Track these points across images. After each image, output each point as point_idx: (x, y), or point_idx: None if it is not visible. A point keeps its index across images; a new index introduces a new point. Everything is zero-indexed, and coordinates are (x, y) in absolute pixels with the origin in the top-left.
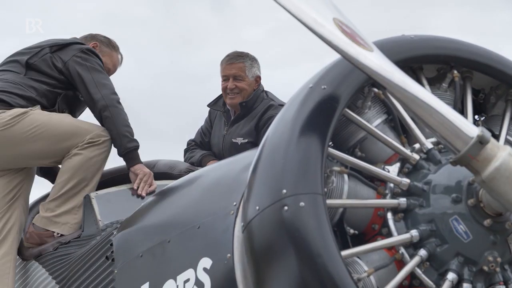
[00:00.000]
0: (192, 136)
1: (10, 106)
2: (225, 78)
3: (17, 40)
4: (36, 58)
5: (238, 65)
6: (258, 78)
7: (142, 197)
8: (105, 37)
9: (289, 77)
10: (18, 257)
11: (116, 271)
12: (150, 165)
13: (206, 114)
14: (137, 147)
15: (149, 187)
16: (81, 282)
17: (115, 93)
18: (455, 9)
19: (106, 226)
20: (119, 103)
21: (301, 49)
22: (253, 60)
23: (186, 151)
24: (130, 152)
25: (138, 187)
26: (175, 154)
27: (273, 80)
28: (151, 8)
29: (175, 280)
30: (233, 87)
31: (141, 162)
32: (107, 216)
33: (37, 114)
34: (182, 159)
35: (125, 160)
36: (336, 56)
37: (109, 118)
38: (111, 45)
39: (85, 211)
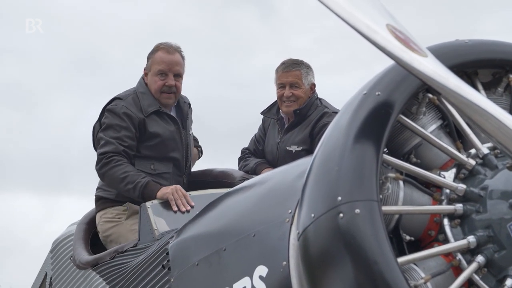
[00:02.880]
0: (246, 145)
1: None
2: (282, 86)
3: (17, 40)
4: None
5: (294, 73)
6: (313, 86)
7: (188, 211)
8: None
9: (337, 84)
10: (74, 265)
11: (172, 280)
12: (206, 174)
13: (256, 121)
14: (142, 183)
15: (185, 198)
16: None
17: (104, 152)
18: (502, 12)
19: (162, 234)
20: (109, 159)
21: (349, 57)
22: (308, 67)
23: (240, 159)
24: (143, 191)
25: (178, 207)
26: (227, 160)
27: (320, 87)
28: (200, 18)
29: None
30: (290, 95)
31: (159, 187)
32: (163, 225)
33: None
34: (237, 167)
35: (147, 198)
36: (388, 62)
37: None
38: (152, 51)
39: (141, 220)
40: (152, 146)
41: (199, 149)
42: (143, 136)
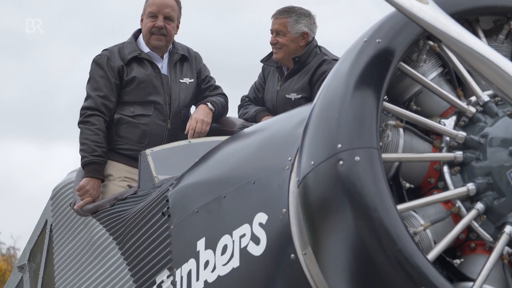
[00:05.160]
0: (246, 93)
1: None
2: (271, 32)
3: (17, 40)
4: None
5: (280, 21)
6: (305, 34)
7: (81, 210)
8: None
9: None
10: (74, 212)
11: (172, 227)
12: None
13: (260, 70)
14: (85, 160)
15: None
16: (138, 238)
17: (83, 108)
18: None
19: (162, 182)
20: (86, 119)
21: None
22: (300, 16)
23: (240, 107)
24: (83, 166)
25: (75, 201)
26: None
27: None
28: None
29: (231, 236)
30: (275, 42)
31: (88, 174)
32: (163, 172)
33: None
34: (236, 115)
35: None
36: (390, 10)
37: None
38: None
39: (141, 168)
40: (130, 90)
41: (209, 103)
42: (123, 83)
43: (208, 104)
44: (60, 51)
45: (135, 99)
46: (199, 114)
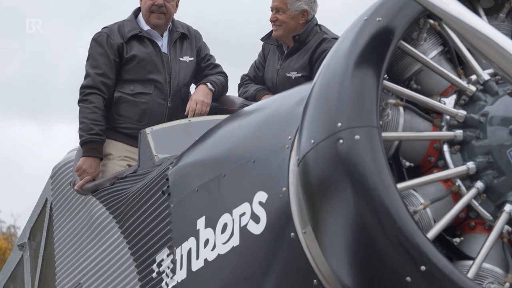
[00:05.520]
0: (246, 71)
1: None
2: (271, 10)
3: (17, 40)
4: None
5: None
6: (305, 12)
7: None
8: None
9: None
10: (75, 191)
11: (172, 206)
12: None
13: (260, 49)
14: (83, 138)
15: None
16: (138, 217)
17: (83, 87)
18: None
19: (162, 161)
20: (85, 97)
21: None
22: None
23: (240, 85)
24: (81, 145)
25: (75, 180)
26: None
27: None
28: None
29: (231, 214)
30: (275, 19)
31: (85, 154)
32: (163, 151)
33: None
34: (236, 94)
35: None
36: None
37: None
38: None
39: (141, 147)
40: (131, 68)
41: (209, 84)
42: (123, 61)
43: (208, 84)
44: (60, 30)
45: (135, 78)
46: (199, 95)
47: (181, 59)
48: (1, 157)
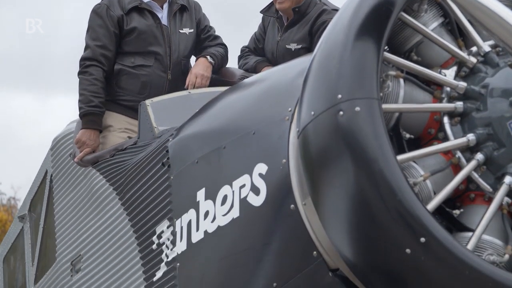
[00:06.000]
0: (246, 43)
1: None
2: None
3: (17, 40)
4: None
5: None
6: None
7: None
8: None
9: None
10: (75, 163)
11: (172, 178)
12: None
13: (260, 21)
14: (82, 110)
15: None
16: (138, 189)
17: (82, 59)
18: None
19: (162, 132)
20: (85, 69)
21: None
22: None
23: (240, 57)
24: (81, 117)
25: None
26: None
27: None
28: None
29: (231, 186)
30: None
31: (85, 126)
32: (163, 123)
33: None
34: (236, 66)
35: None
36: None
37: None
38: None
39: (141, 118)
40: (131, 40)
41: (209, 57)
42: (122, 33)
43: (208, 57)
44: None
45: (135, 50)
46: (199, 68)
47: (180, 31)
48: (1, 129)
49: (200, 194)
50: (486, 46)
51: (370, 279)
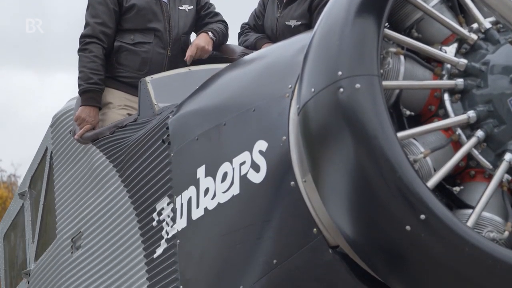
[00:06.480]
0: (246, 20)
1: None
2: None
3: (17, 40)
4: None
5: None
6: None
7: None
8: None
9: None
10: (75, 140)
11: (172, 154)
12: None
13: None
14: (82, 88)
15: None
16: (138, 166)
17: (82, 36)
18: None
19: (162, 109)
20: (84, 46)
21: None
22: None
23: (240, 34)
24: (80, 94)
25: (75, 131)
26: None
27: None
28: None
29: (231, 163)
30: None
31: (84, 103)
32: (163, 99)
33: None
34: (236, 42)
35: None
36: None
37: None
38: None
39: (141, 95)
40: (130, 17)
41: (210, 33)
42: (122, 10)
43: (209, 33)
44: None
45: (135, 27)
46: (201, 41)
47: (180, 7)
48: (1, 107)
49: (200, 171)
50: (486, 23)
51: (370, 256)
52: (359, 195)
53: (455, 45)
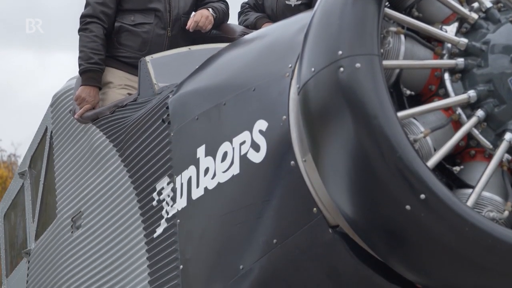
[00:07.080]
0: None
1: None
2: None
3: (17, 40)
4: None
5: None
6: None
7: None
8: None
9: None
10: (75, 120)
11: (172, 134)
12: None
13: None
14: (82, 67)
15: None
16: (138, 145)
17: (82, 16)
18: None
19: (162, 89)
20: (85, 26)
21: None
22: None
23: (240, 13)
24: (80, 73)
25: (75, 110)
26: None
27: None
28: None
29: (231, 143)
30: None
31: (84, 83)
32: (163, 79)
33: None
34: (236, 22)
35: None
36: None
37: None
38: None
39: (141, 75)
40: None
41: (211, 9)
42: None
43: (210, 9)
44: None
45: (135, 7)
46: (204, 12)
47: None
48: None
49: (200, 151)
50: (487, 2)
51: (369, 236)
52: (359, 174)
53: (455, 24)
